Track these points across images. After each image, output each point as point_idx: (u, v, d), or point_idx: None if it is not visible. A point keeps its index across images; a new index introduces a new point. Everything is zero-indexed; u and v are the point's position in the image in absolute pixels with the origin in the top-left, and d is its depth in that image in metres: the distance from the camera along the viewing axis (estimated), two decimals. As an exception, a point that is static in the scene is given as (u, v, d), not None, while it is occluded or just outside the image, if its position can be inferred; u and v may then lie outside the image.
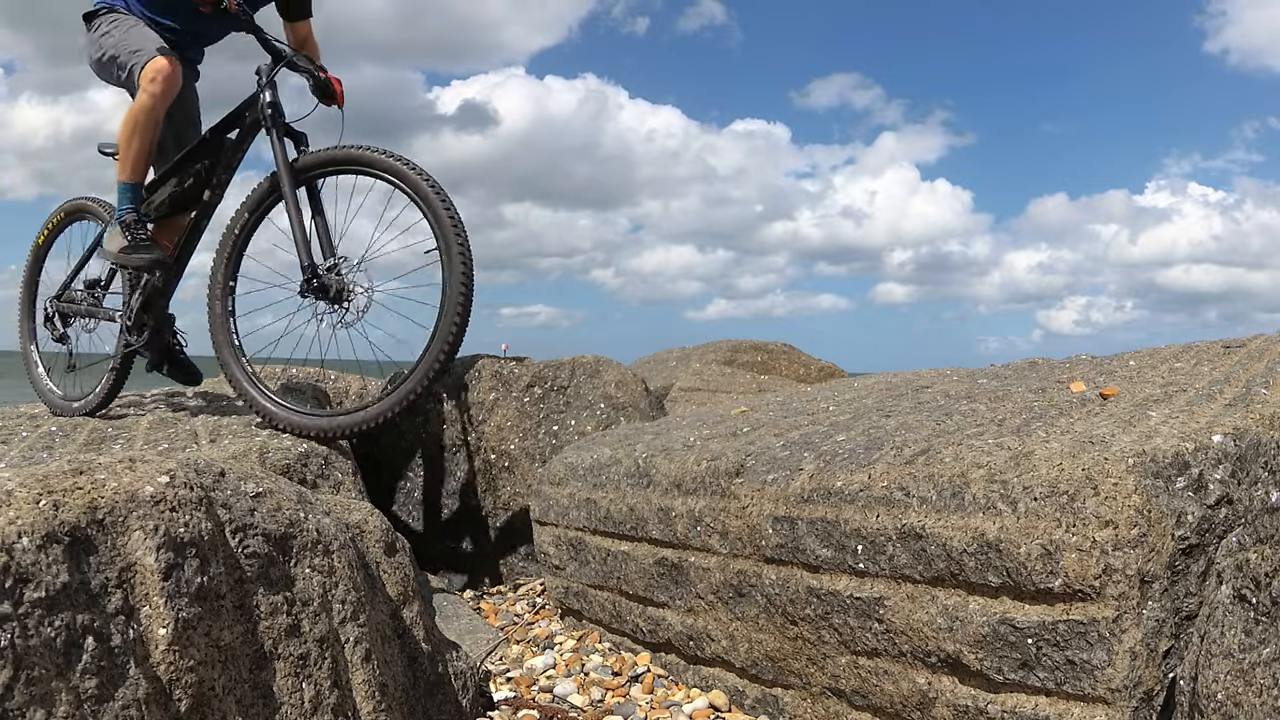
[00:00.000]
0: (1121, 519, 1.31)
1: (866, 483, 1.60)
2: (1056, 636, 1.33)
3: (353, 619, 1.34)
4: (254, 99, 2.67)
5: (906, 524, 1.51)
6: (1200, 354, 2.03)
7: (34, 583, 0.95)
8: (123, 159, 2.68)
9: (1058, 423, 1.62)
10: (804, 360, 6.39)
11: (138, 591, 1.06)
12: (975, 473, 1.47)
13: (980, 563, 1.41)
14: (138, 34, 2.70)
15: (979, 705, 1.43)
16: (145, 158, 2.68)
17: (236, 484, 1.27)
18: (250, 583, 1.21)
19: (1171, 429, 1.44)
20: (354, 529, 1.59)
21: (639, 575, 2.08)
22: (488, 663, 2.13)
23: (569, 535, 2.35)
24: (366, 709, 1.32)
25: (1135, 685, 1.29)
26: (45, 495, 1.03)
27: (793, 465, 1.79)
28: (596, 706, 1.94)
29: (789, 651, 1.73)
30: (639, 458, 2.19)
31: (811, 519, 1.66)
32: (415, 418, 3.09)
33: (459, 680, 1.71)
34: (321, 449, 2.46)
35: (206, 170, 2.77)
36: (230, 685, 1.13)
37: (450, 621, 2.20)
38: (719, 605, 1.87)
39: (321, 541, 1.33)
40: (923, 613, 1.48)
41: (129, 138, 2.64)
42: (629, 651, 2.18)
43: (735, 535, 1.82)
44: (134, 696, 1.00)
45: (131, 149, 2.64)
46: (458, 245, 2.40)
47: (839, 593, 1.60)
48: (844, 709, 1.65)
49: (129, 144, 2.64)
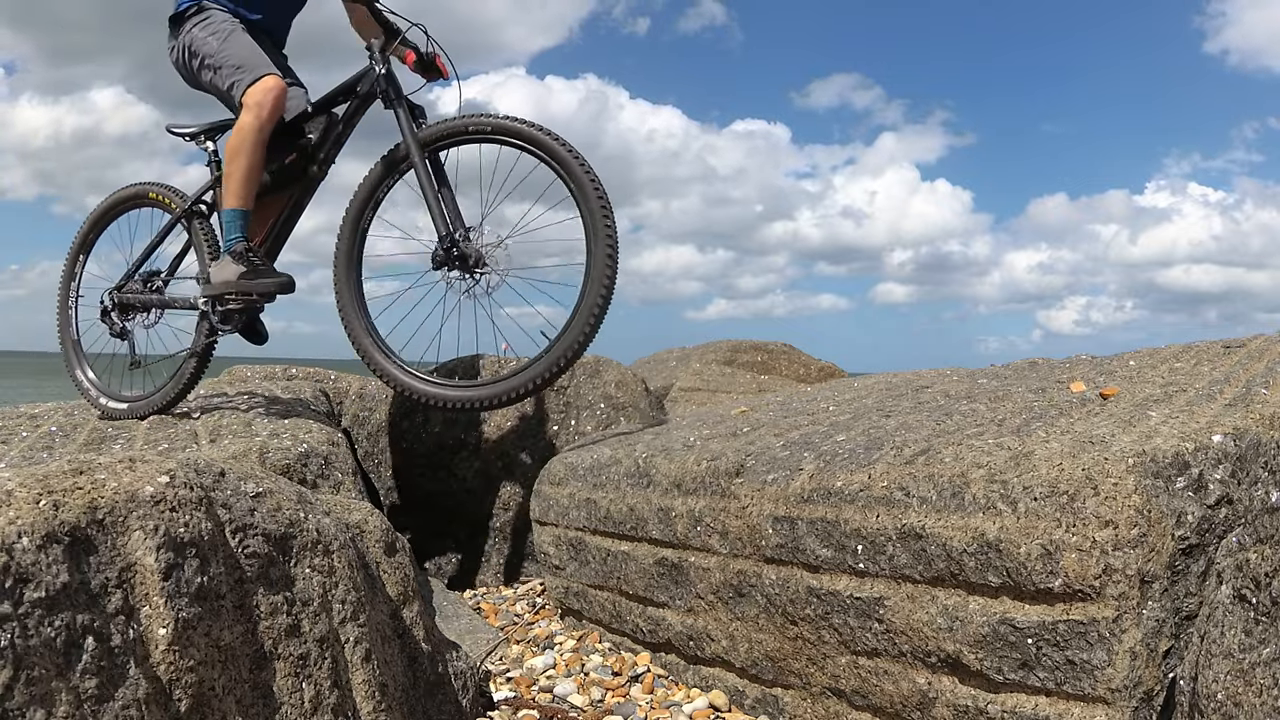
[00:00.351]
0: (1121, 519, 1.31)
1: (866, 483, 1.60)
2: (1056, 636, 1.33)
3: (353, 619, 1.34)
4: (365, 73, 2.61)
5: (906, 524, 1.51)
6: (1200, 354, 2.03)
7: (34, 583, 0.95)
8: (228, 183, 2.57)
9: (1058, 423, 1.62)
10: (804, 360, 6.39)
11: (138, 591, 1.06)
12: (975, 473, 1.47)
13: (980, 563, 1.41)
14: (237, 44, 2.61)
15: (979, 705, 1.43)
16: (253, 182, 2.58)
17: (236, 484, 1.27)
18: (250, 583, 1.21)
19: (1171, 429, 1.44)
20: (354, 529, 1.59)
21: (639, 575, 2.08)
22: (488, 663, 2.13)
23: (569, 535, 2.35)
24: (366, 709, 1.32)
25: (1135, 685, 1.29)
26: (45, 495, 1.03)
27: (793, 465, 1.79)
28: (596, 706, 1.94)
29: (789, 651, 1.73)
30: (639, 458, 2.19)
31: (811, 519, 1.66)
32: (415, 417, 3.09)
33: (459, 680, 1.71)
34: (322, 449, 2.45)
35: (314, 145, 2.70)
36: (230, 685, 1.13)
37: (450, 621, 2.20)
38: (719, 605, 1.87)
39: (321, 541, 1.33)
40: (923, 613, 1.48)
41: (235, 160, 2.54)
42: (629, 651, 2.18)
43: (735, 535, 1.82)
44: (134, 696, 1.00)
45: (238, 172, 2.54)
46: (603, 217, 2.35)
47: (839, 593, 1.60)
48: (844, 709, 1.65)
49: (235, 167, 2.54)
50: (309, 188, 2.74)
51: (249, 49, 2.61)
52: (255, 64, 2.57)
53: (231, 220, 2.60)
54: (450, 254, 2.48)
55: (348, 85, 2.66)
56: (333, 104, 2.70)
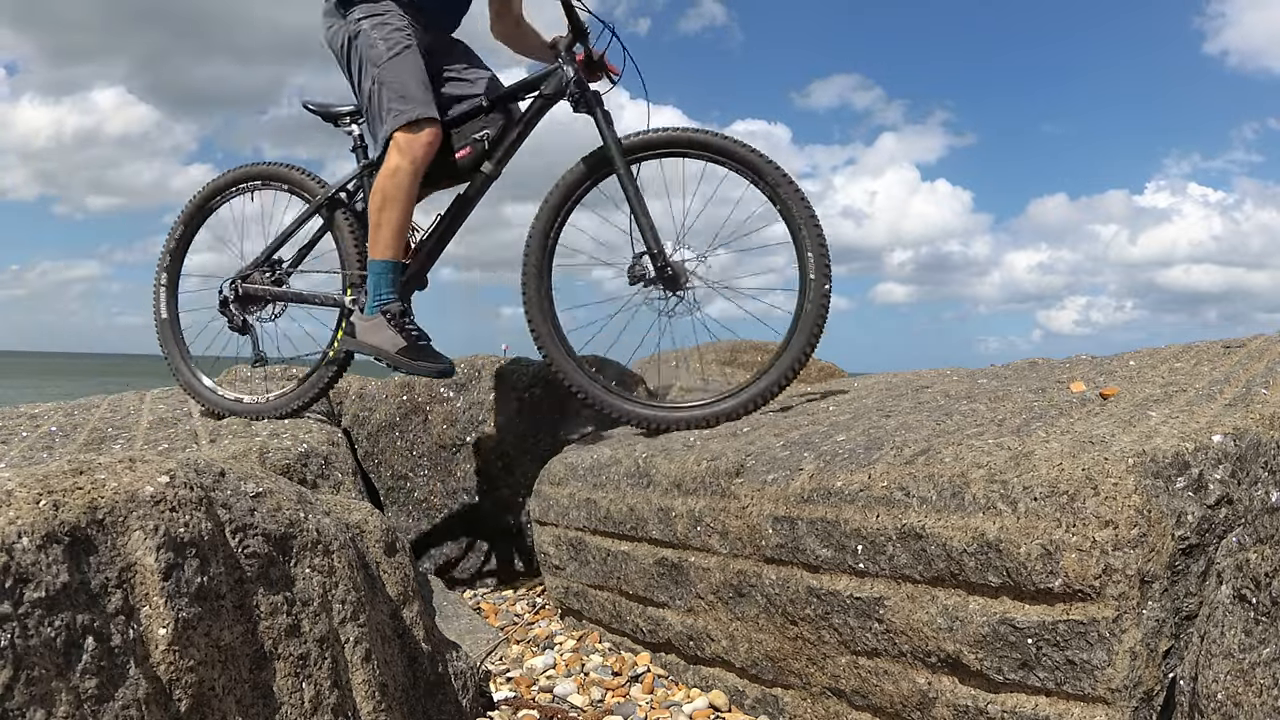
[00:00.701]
0: (1121, 519, 1.31)
1: (866, 483, 1.60)
2: (1056, 636, 1.33)
3: (353, 619, 1.34)
4: (551, 72, 2.49)
5: (906, 524, 1.51)
6: (1200, 354, 2.03)
7: (34, 583, 0.95)
8: (378, 233, 2.39)
9: (1058, 423, 1.62)
10: (804, 360, 6.38)
11: (138, 591, 1.06)
12: (975, 473, 1.47)
13: (980, 563, 1.41)
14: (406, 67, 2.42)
15: (979, 705, 1.43)
16: (404, 230, 2.42)
17: (236, 484, 1.28)
18: (250, 583, 1.21)
19: (1171, 429, 1.44)
20: (354, 529, 1.59)
21: (639, 575, 2.08)
22: (488, 663, 2.13)
23: (569, 535, 2.35)
24: (366, 709, 1.32)
25: (1135, 685, 1.29)
26: (45, 495, 1.03)
27: (793, 465, 1.79)
28: (596, 706, 1.94)
29: (789, 651, 1.73)
30: (639, 457, 2.19)
31: (811, 519, 1.66)
32: (416, 418, 3.09)
33: (459, 680, 1.71)
34: (322, 449, 2.46)
35: (491, 142, 2.53)
36: (230, 685, 1.13)
37: (450, 621, 2.20)
38: (719, 605, 1.87)
39: (321, 541, 1.33)
40: (923, 613, 1.48)
41: (386, 209, 2.36)
42: (629, 651, 2.18)
43: (735, 535, 1.82)
44: (134, 696, 1.00)
45: (390, 222, 2.36)
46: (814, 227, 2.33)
47: (839, 593, 1.60)
48: (844, 709, 1.65)
49: (386, 216, 2.36)
50: (482, 186, 2.57)
51: (416, 78, 2.43)
52: (417, 101, 2.41)
53: (383, 274, 2.43)
54: (661, 271, 2.38)
55: (529, 83, 2.54)
56: (512, 100, 2.57)
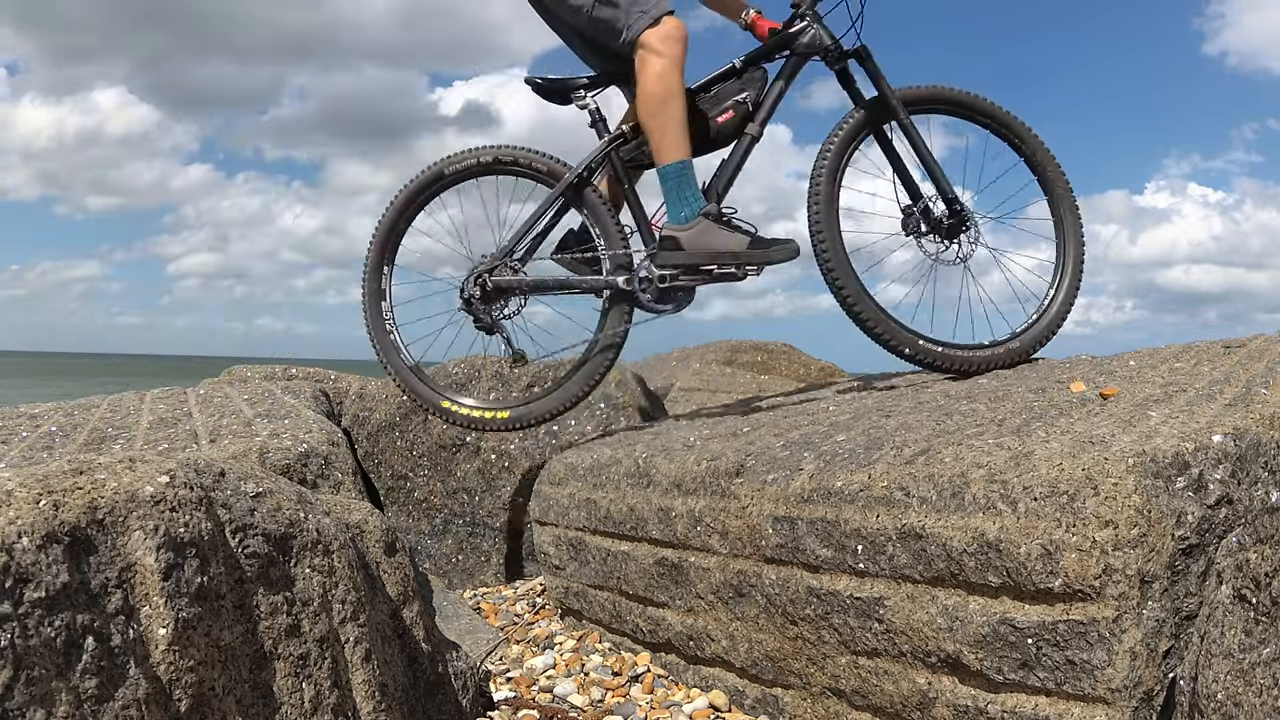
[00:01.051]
0: (1121, 519, 1.31)
1: (866, 483, 1.60)
2: (1056, 636, 1.33)
3: (353, 619, 1.34)
4: (801, 32, 2.47)
5: (906, 524, 1.51)
6: (1200, 354, 2.03)
7: (34, 583, 0.95)
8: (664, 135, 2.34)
9: (1058, 423, 1.62)
10: (804, 360, 6.39)
11: (138, 591, 1.06)
12: (975, 473, 1.47)
13: (980, 563, 1.41)
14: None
15: (979, 705, 1.43)
16: (686, 126, 2.35)
17: (236, 484, 1.28)
18: (250, 583, 1.21)
19: (1171, 429, 1.44)
20: (354, 529, 1.59)
21: (639, 575, 2.08)
22: (488, 663, 2.13)
23: (569, 535, 2.35)
24: (366, 709, 1.32)
25: (1135, 685, 1.29)
26: (45, 495, 1.03)
27: (793, 465, 1.79)
28: (596, 706, 1.94)
29: (789, 651, 1.73)
30: (639, 458, 2.19)
31: (811, 519, 1.66)
32: (416, 417, 3.09)
33: (459, 680, 1.71)
34: (322, 449, 2.46)
35: (753, 104, 2.48)
36: (230, 685, 1.13)
37: (450, 621, 2.20)
38: (719, 605, 1.87)
39: (321, 541, 1.33)
40: (923, 613, 1.48)
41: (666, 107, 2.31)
42: (629, 651, 2.18)
43: (735, 535, 1.82)
44: (134, 696, 1.00)
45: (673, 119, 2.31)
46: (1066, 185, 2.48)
47: (839, 593, 1.60)
48: (844, 709, 1.65)
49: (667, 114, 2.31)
50: (748, 147, 2.50)
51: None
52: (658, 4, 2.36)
53: (683, 175, 2.36)
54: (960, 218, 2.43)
55: (782, 41, 2.52)
56: (765, 59, 2.53)
